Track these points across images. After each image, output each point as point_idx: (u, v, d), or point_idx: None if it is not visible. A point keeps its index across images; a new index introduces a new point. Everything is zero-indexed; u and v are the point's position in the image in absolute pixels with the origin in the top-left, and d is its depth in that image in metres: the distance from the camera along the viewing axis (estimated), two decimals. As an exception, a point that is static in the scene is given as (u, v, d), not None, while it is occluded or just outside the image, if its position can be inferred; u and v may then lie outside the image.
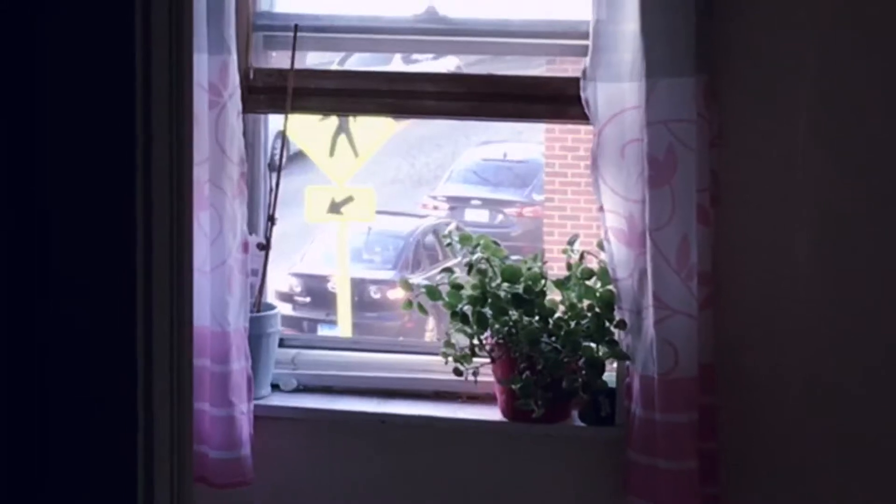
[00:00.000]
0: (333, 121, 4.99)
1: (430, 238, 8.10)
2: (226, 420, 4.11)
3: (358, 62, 5.25)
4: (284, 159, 4.32)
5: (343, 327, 6.51)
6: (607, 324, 4.03)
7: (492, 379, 4.15)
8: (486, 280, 4.13)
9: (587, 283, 4.10)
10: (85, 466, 2.56)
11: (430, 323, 5.11)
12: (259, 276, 4.28)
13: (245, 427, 4.14)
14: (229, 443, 4.11)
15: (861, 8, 3.85)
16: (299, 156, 5.17)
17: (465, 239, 4.23)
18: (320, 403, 4.28)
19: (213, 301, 4.09)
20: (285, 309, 4.36)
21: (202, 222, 4.02)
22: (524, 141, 8.45)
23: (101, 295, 2.54)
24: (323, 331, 7.15)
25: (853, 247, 3.92)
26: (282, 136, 4.35)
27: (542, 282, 4.12)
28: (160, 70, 2.55)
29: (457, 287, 4.15)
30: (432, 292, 4.19)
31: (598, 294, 4.07)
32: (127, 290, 2.53)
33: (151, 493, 2.56)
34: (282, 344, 4.39)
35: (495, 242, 4.22)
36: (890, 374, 3.90)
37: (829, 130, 3.91)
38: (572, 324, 4.07)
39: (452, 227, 4.33)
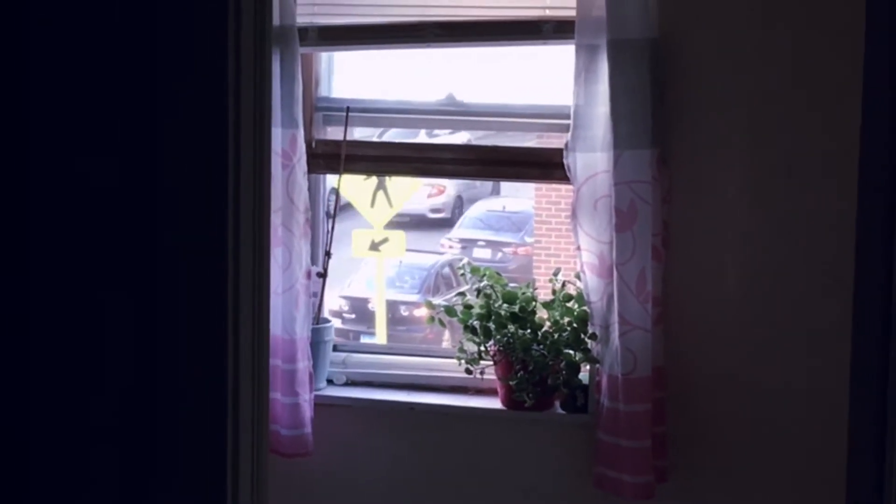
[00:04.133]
0: (374, 180, 4.98)
1: (447, 270, 8.07)
2: (293, 406, 4.10)
3: (393, 135, 5.24)
4: (337, 209, 4.33)
5: (380, 337, 6.48)
6: (582, 336, 4.02)
7: (494, 377, 4.14)
8: (490, 302, 4.12)
9: (567, 304, 4.09)
10: (189, 439, 2.57)
11: (447, 334, 5.10)
12: (318, 298, 4.29)
13: (307, 411, 4.13)
14: (295, 423, 4.10)
15: (779, 94, 3.85)
16: (348, 206, 5.16)
17: (474, 270, 4.23)
18: (364, 394, 4.27)
19: (284, 316, 4.08)
20: (337, 323, 4.34)
21: (276, 256, 4.02)
22: (519, 196, 8.43)
23: (201, 311, 2.55)
24: (365, 339, 7.12)
25: (771, 278, 3.91)
26: (335, 191, 4.36)
27: (533, 303, 4.12)
28: (247, 141, 2.56)
29: (468, 307, 4.15)
30: (449, 311, 4.18)
31: (575, 313, 4.07)
32: (220, 307, 2.53)
33: (237, 459, 2.56)
34: (335, 349, 4.38)
35: (497, 273, 4.21)
36: (794, 374, 3.89)
37: (754, 190, 3.90)
38: (556, 335, 4.06)
39: (464, 261, 4.29)
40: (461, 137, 5.20)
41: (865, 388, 2.64)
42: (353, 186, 4.93)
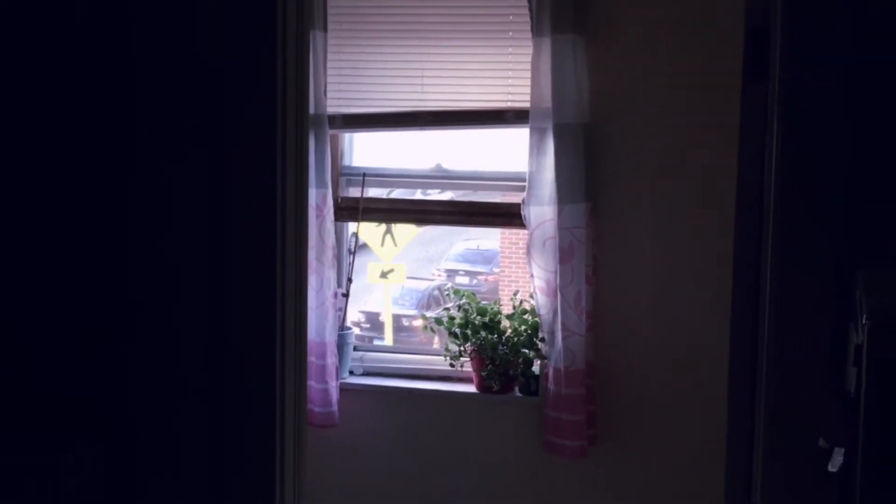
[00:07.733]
0: (383, 226, 5.00)
1: (436, 292, 8.06)
2: (323, 390, 4.10)
3: (398, 193, 5.26)
4: (356, 247, 4.35)
5: (388, 340, 6.47)
6: (535, 339, 4.04)
7: (471, 369, 4.15)
8: (468, 314, 4.14)
9: (524, 316, 4.11)
10: (249, 414, 2.59)
11: (437, 338, 5.11)
12: (342, 312, 4.30)
13: (334, 395, 4.13)
14: (325, 403, 4.10)
15: (677, 165, 3.88)
16: (364, 245, 5.17)
17: (456, 292, 4.26)
18: (376, 382, 4.27)
19: (317, 324, 4.09)
20: (356, 330, 4.34)
21: (311, 282, 4.03)
22: (489, 238, 8.41)
23: (257, 322, 2.58)
24: (377, 342, 7.10)
25: (672, 298, 3.93)
26: (355, 234, 4.38)
27: (499, 316, 4.14)
28: (291, 198, 2.60)
29: (451, 318, 4.16)
30: (438, 321, 4.20)
31: (529, 323, 4.09)
32: (271, 320, 2.57)
33: (283, 429, 2.59)
34: (355, 349, 4.38)
35: (472, 294, 4.23)
36: (689, 368, 3.90)
37: (661, 234, 3.92)
38: (515, 339, 4.08)
39: (449, 286, 4.33)
40: (447, 195, 5.21)
41: (739, 379, 2.69)
42: (368, 231, 4.95)
